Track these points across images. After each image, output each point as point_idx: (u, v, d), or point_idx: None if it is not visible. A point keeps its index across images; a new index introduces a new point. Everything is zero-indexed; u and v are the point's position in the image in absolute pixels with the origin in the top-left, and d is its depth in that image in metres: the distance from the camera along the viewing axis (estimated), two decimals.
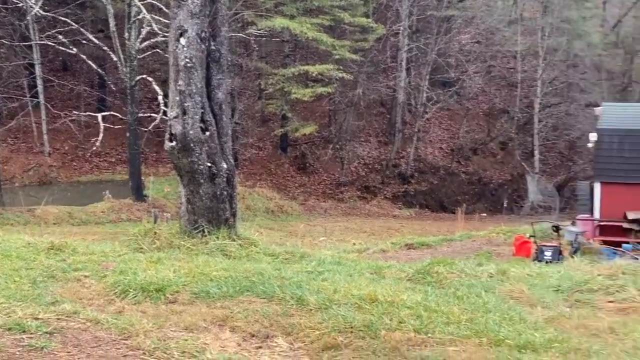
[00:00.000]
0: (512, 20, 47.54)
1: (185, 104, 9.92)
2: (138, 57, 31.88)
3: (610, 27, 49.53)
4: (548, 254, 15.82)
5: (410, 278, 8.29)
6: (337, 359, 5.42)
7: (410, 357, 5.42)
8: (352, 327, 5.94)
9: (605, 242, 17.87)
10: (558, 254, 15.83)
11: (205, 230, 9.98)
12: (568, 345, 5.83)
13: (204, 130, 10.06)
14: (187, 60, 9.91)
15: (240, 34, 35.75)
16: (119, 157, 38.26)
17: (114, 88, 37.24)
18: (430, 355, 5.44)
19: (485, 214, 37.20)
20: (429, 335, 5.91)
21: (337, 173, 41.70)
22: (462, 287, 7.80)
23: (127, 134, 32.82)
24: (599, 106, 23.40)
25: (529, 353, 5.58)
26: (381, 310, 6.39)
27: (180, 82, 9.94)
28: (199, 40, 9.99)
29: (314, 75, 38.44)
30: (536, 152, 42.25)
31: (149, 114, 32.52)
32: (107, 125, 31.00)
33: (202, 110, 10.04)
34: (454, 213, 33.02)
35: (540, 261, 14.27)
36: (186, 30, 9.92)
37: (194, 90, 9.93)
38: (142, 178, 33.03)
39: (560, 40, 44.40)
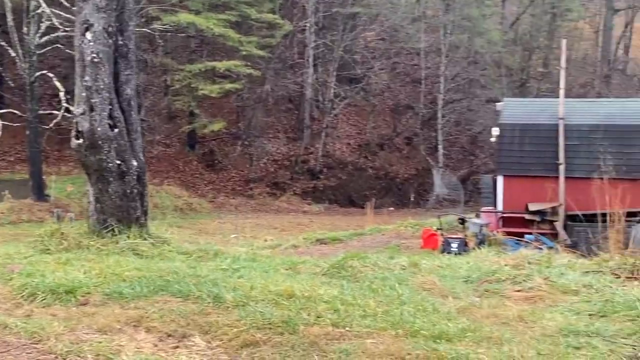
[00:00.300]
0: (416, 17, 48.40)
1: (93, 100, 9.62)
2: (38, 52, 30.80)
3: (509, 25, 51.10)
4: (454, 245, 16.26)
5: (325, 273, 8.33)
6: (256, 356, 5.38)
7: (329, 351, 5.43)
8: (270, 324, 5.91)
9: (508, 233, 18.46)
10: (464, 246, 16.30)
11: (116, 230, 9.72)
12: (480, 334, 5.97)
13: (112, 127, 9.78)
14: (94, 55, 9.62)
15: (145, 29, 34.97)
16: (19, 155, 36.85)
17: (12, 84, 35.78)
18: (349, 348, 5.46)
19: (392, 208, 37.80)
20: (347, 328, 5.94)
21: (246, 170, 41.51)
22: (377, 280, 7.90)
23: (27, 132, 31.67)
24: (499, 102, 24.12)
25: (443, 343, 5.68)
26: (299, 305, 6.38)
27: (86, 78, 9.64)
28: (105, 35, 9.71)
29: (221, 71, 38.11)
30: (440, 147, 43.23)
31: (49, 111, 31.46)
32: (5, 123, 29.79)
33: (110, 107, 9.76)
34: (362, 208, 33.43)
35: (449, 253, 14.62)
36: (92, 25, 9.62)
37: (101, 86, 9.65)
38: (44, 177, 31.93)
39: (462, 38, 45.56)
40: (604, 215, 11.32)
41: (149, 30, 35.36)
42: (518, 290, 7.92)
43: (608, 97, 41.16)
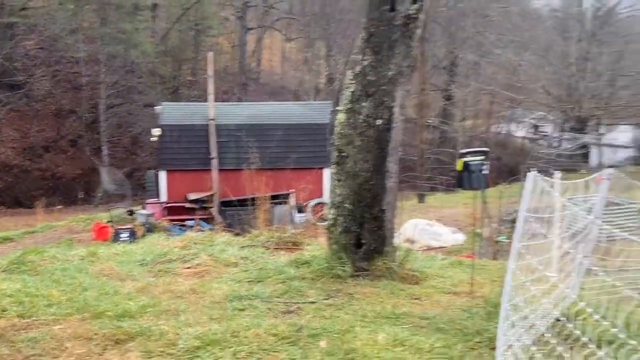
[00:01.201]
0: (74, 29, 46.01)
1: None
2: None
3: (160, 38, 51.21)
4: (124, 235, 16.11)
5: (5, 269, 7.65)
6: None
7: (17, 341, 5.05)
8: None
9: (172, 221, 18.70)
10: (133, 235, 16.21)
11: None
12: (159, 309, 6.02)
13: None
14: None
15: None
16: None
17: None
18: (37, 336, 5.15)
19: (61, 206, 35.72)
20: (34, 318, 5.58)
21: None
22: (57, 271, 7.49)
23: None
24: (156, 106, 24.11)
25: (127, 320, 5.62)
26: None
27: None
28: None
29: None
30: (104, 148, 41.97)
31: None
32: None
33: None
34: (31, 208, 31.11)
35: (124, 242, 14.37)
36: None
37: None
38: None
39: (118, 49, 44.45)
40: (253, 199, 12.07)
41: None
42: (188, 268, 8.09)
43: (247, 102, 43.46)
